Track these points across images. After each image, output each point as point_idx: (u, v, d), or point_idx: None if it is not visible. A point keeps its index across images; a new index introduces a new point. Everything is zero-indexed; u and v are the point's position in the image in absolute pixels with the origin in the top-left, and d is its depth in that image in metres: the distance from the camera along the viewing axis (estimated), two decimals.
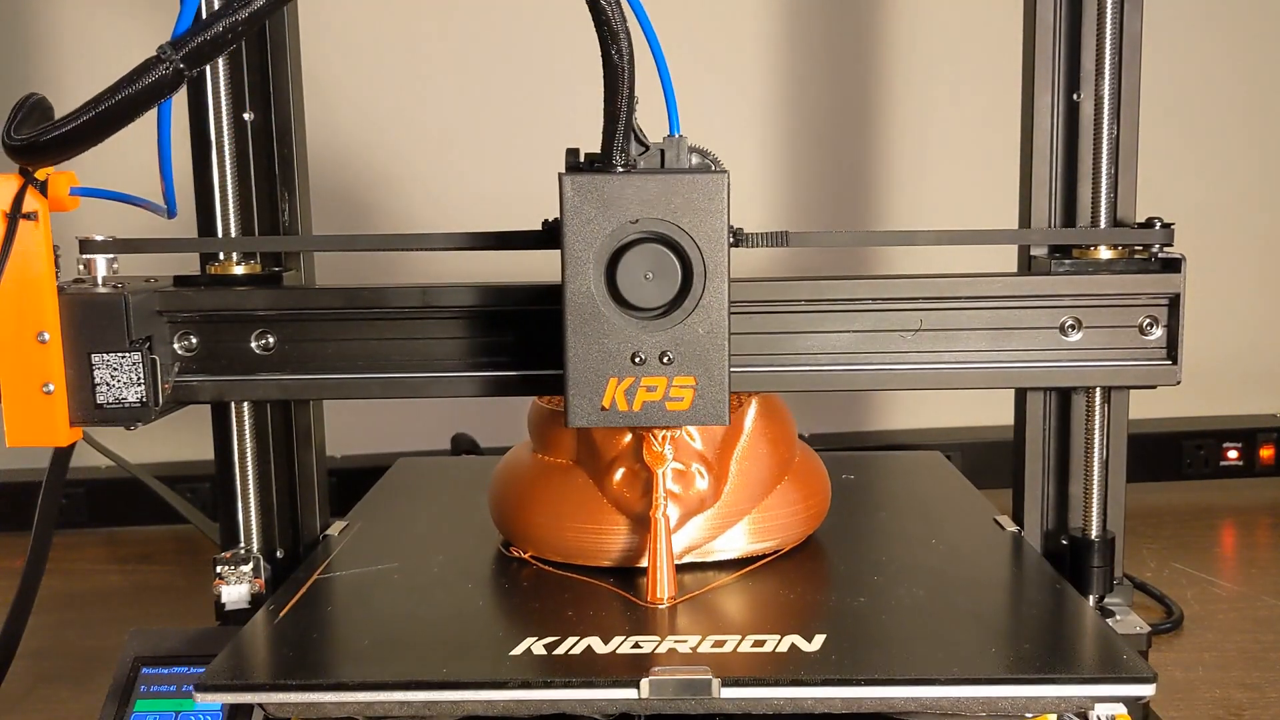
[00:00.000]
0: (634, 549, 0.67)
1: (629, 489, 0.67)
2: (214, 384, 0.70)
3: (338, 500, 0.88)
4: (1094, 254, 0.71)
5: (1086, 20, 0.71)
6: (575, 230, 0.57)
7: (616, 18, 0.54)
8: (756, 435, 0.70)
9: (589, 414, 0.59)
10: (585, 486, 0.69)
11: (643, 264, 0.57)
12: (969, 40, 1.23)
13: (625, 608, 0.63)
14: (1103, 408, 0.72)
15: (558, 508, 0.69)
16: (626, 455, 0.67)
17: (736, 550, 0.69)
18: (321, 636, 0.60)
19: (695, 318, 0.58)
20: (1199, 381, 0.94)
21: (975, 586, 0.65)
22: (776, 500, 0.70)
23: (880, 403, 1.30)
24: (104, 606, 0.97)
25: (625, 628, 0.59)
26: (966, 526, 0.76)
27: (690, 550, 0.68)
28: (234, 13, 0.52)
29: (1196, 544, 1.05)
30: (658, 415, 0.59)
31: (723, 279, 0.58)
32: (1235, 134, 1.27)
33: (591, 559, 0.68)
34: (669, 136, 0.60)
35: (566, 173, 0.57)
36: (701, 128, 1.23)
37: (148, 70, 0.52)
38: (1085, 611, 0.61)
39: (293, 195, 0.75)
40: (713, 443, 0.68)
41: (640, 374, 0.58)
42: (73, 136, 0.54)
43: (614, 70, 0.55)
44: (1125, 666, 0.53)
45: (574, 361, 0.58)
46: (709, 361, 0.59)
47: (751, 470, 0.70)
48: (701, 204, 0.57)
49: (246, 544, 0.75)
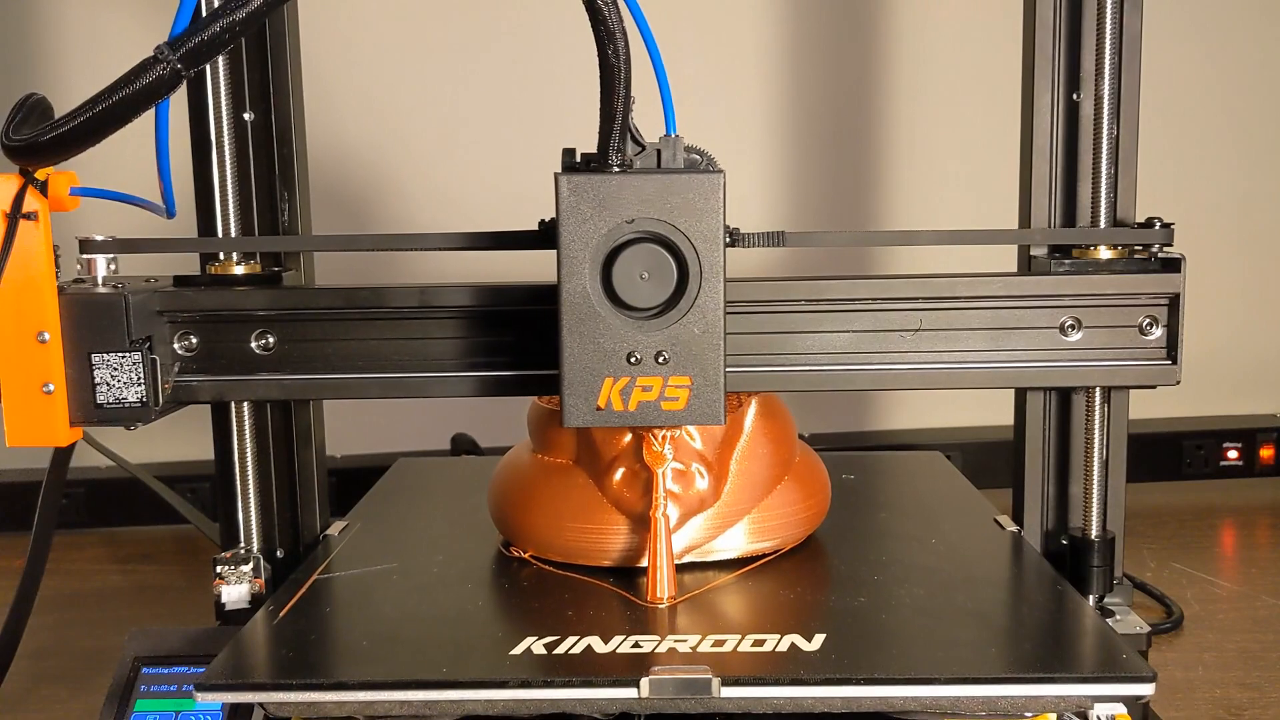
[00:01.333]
0: (634, 549, 0.67)
1: (629, 489, 0.67)
2: (214, 384, 0.70)
3: (338, 500, 0.88)
4: (1094, 254, 0.71)
5: (1086, 20, 0.71)
6: (571, 230, 0.57)
7: (613, 18, 0.54)
8: (757, 435, 0.70)
9: (584, 414, 0.59)
10: (585, 486, 0.69)
11: (638, 264, 0.57)
12: (969, 40, 1.23)
13: (625, 607, 0.63)
14: (1103, 408, 0.72)
15: (558, 508, 0.69)
16: (626, 455, 0.67)
17: (736, 550, 0.69)
18: (321, 636, 0.60)
19: (691, 318, 0.58)
20: (1199, 381, 0.94)
21: (975, 586, 0.65)
22: (776, 500, 0.70)
23: (880, 403, 1.30)
24: (104, 606, 0.97)
25: (625, 627, 0.59)
26: (966, 526, 0.76)
27: (690, 550, 0.68)
28: (231, 13, 0.52)
29: (1196, 544, 1.05)
30: (653, 415, 0.59)
31: (718, 279, 0.58)
32: (1236, 133, 1.28)
33: (591, 559, 0.68)
34: (665, 136, 0.60)
35: (563, 173, 0.57)
36: (703, 128, 1.23)
37: (145, 71, 0.52)
38: (1085, 611, 0.61)
39: (293, 195, 0.75)
40: (713, 442, 0.68)
41: (636, 374, 0.58)
42: (70, 137, 0.54)
43: (610, 70, 0.55)
44: (1125, 666, 0.53)
45: (569, 361, 0.58)
46: (705, 361, 0.58)
47: (751, 470, 0.69)
48: (697, 204, 0.57)
49: (246, 544, 0.75)
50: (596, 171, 0.57)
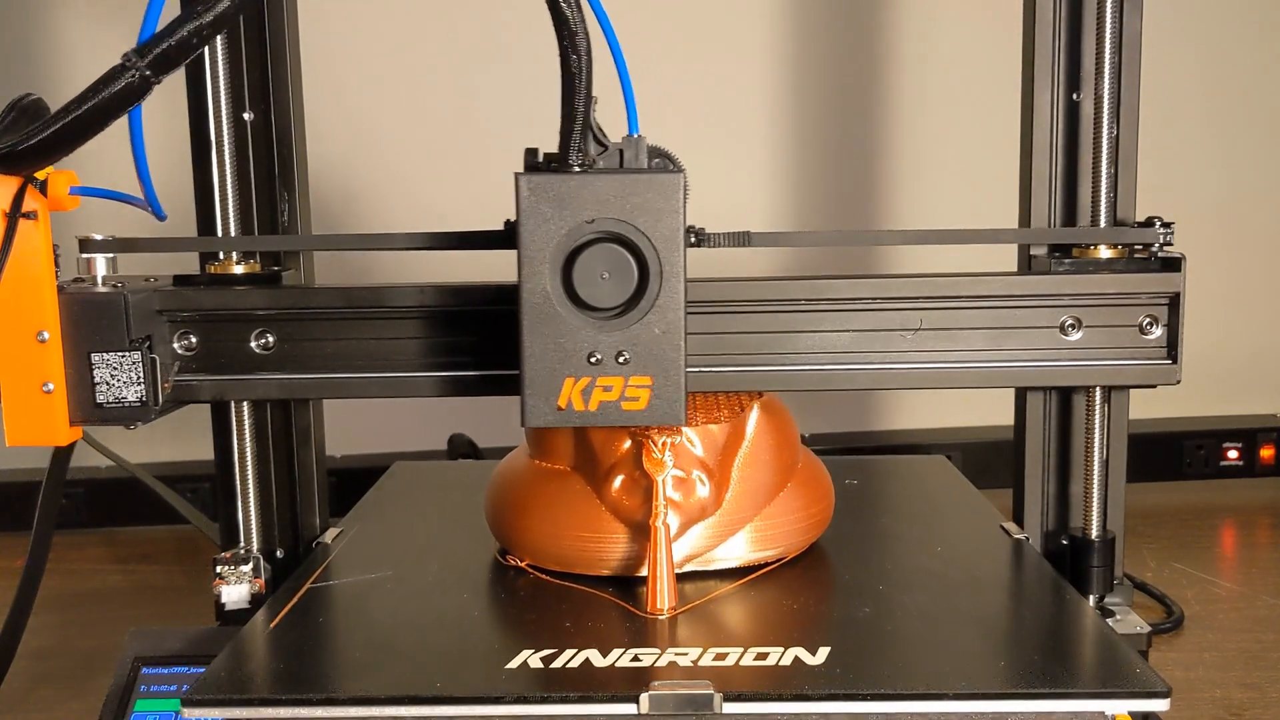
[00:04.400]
0: (633, 558, 0.66)
1: (628, 496, 0.66)
2: (214, 383, 0.70)
3: (337, 500, 0.88)
4: (1094, 253, 0.71)
5: (1086, 20, 0.71)
6: (531, 230, 0.57)
7: (575, 18, 0.54)
8: (759, 441, 0.69)
9: (545, 414, 0.59)
10: (583, 493, 0.67)
11: (599, 264, 0.57)
12: (969, 40, 1.23)
13: (624, 619, 0.61)
14: (1103, 407, 0.72)
15: (555, 515, 0.67)
16: (626, 462, 0.66)
17: (738, 559, 0.68)
18: (313, 648, 0.59)
19: (651, 318, 0.58)
20: (1199, 381, 0.94)
21: (982, 595, 0.64)
22: (779, 507, 0.69)
23: (881, 403, 1.30)
24: (104, 606, 0.97)
25: (624, 640, 0.58)
26: (972, 533, 0.75)
27: (691, 559, 0.67)
28: (198, 17, 0.51)
29: (1196, 544, 1.05)
30: (614, 415, 0.59)
31: (679, 279, 0.57)
32: (1235, 133, 1.28)
33: (590, 568, 0.67)
34: (628, 136, 0.60)
35: (523, 173, 0.57)
36: (704, 128, 1.23)
37: (114, 78, 0.51)
38: (1096, 622, 0.60)
39: (292, 195, 0.75)
40: (714, 449, 0.67)
41: (597, 374, 0.58)
42: (43, 147, 0.53)
43: (571, 69, 0.55)
44: (1138, 680, 0.52)
45: (530, 361, 0.58)
46: (665, 362, 0.58)
47: (754, 477, 0.68)
48: (657, 204, 0.57)
49: (246, 544, 0.75)
50: (557, 171, 0.57)
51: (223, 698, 0.53)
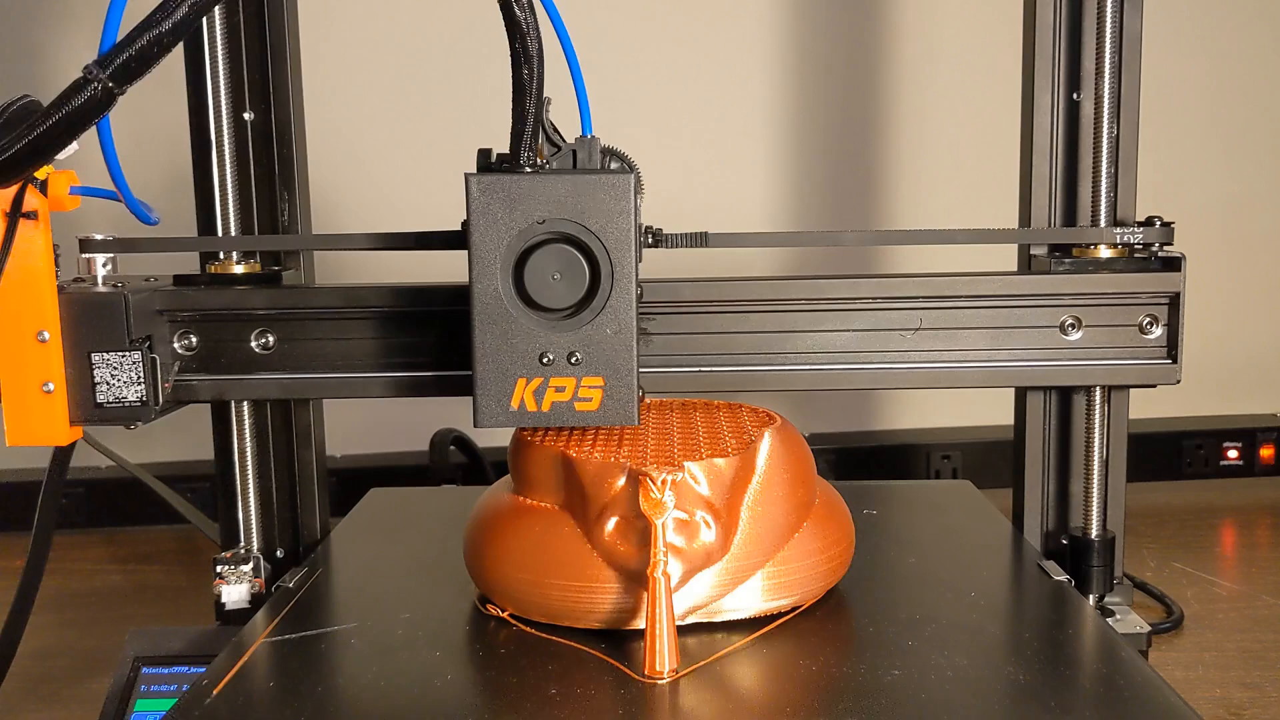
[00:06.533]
0: (628, 610, 0.57)
1: (623, 541, 0.57)
2: (214, 383, 0.70)
3: (338, 500, 0.88)
4: (1094, 253, 0.71)
5: (1086, 20, 0.71)
6: (482, 230, 0.57)
7: (527, 19, 0.54)
8: (771, 475, 0.60)
9: (497, 415, 0.59)
10: (572, 536, 0.58)
11: (550, 264, 0.57)
12: (969, 40, 1.23)
13: (618, 684, 0.53)
14: (1103, 407, 0.72)
15: (540, 560, 0.59)
16: (620, 502, 0.57)
17: (749, 610, 0.59)
18: (261, 717, 0.51)
19: (603, 318, 0.58)
20: (1199, 381, 0.94)
21: (1029, 658, 0.55)
22: (794, 551, 0.60)
23: (881, 403, 1.30)
24: (104, 606, 0.97)
25: (618, 709, 0.50)
26: (1008, 575, 0.67)
27: (695, 610, 0.58)
28: (157, 25, 0.50)
29: (1196, 544, 1.05)
30: (566, 415, 0.59)
31: (630, 280, 0.57)
32: (1235, 133, 1.28)
33: (579, 620, 0.58)
34: (581, 137, 0.60)
35: (475, 173, 0.57)
36: (705, 128, 1.23)
37: (77, 92, 0.50)
38: (1154, 683, 0.52)
39: (292, 195, 0.75)
40: (721, 486, 0.58)
41: (549, 374, 0.58)
42: (12, 162, 0.52)
43: (521, 69, 0.55)
44: None
45: (482, 361, 0.58)
46: (617, 362, 0.58)
47: (765, 516, 0.59)
48: (608, 205, 0.57)
49: (246, 544, 0.75)
50: (509, 172, 0.57)
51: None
